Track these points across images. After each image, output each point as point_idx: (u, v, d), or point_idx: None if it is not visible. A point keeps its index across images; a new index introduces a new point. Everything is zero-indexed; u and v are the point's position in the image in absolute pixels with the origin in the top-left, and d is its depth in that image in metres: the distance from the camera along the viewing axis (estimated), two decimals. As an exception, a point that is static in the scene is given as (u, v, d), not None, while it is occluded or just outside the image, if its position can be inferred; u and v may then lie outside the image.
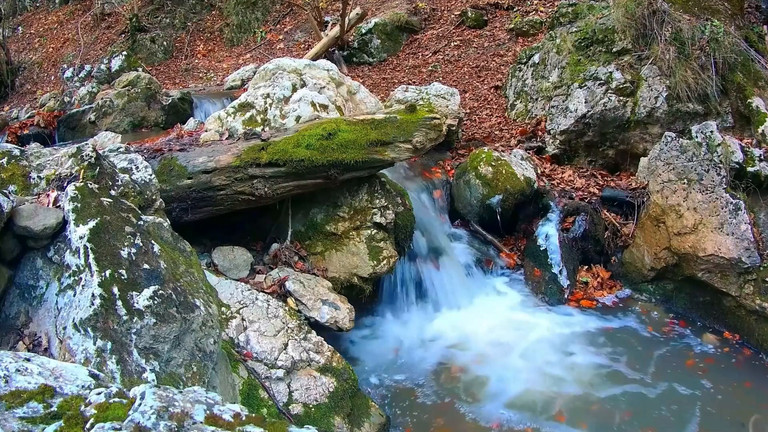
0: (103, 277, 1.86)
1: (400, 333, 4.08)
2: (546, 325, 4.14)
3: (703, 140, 4.26)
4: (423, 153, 4.16)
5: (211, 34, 10.37)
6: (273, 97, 4.59)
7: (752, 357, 3.83)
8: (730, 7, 5.19)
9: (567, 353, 3.86)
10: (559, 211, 4.75)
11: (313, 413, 2.86)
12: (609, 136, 5.23)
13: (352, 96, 5.11)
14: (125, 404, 1.12)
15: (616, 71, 5.12)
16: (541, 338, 4.00)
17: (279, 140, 3.63)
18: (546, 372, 3.68)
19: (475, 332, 4.06)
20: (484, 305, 4.36)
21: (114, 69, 7.98)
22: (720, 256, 3.95)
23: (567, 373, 3.67)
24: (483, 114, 6.33)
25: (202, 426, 1.08)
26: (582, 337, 4.03)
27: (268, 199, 3.66)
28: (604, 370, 3.70)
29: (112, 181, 2.38)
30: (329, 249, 3.88)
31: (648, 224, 4.50)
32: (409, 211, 4.20)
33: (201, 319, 2.04)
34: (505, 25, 8.06)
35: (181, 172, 3.51)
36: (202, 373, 2.01)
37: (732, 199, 4.01)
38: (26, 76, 10.13)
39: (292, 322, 3.24)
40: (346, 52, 8.28)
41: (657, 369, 3.71)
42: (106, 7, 10.76)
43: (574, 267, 4.64)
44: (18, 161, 2.36)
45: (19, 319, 2.02)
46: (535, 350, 3.88)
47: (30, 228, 2.01)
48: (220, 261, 3.63)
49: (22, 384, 1.17)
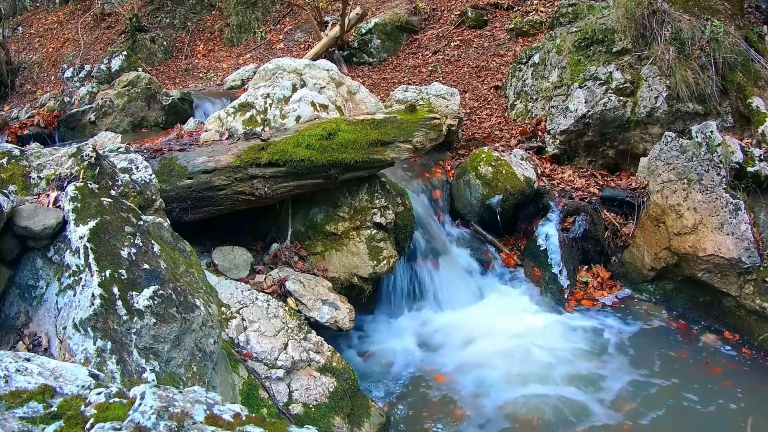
0: (103, 277, 1.86)
1: (400, 332, 4.07)
2: (546, 325, 4.13)
3: (703, 140, 4.26)
4: (423, 153, 4.16)
5: (211, 34, 10.37)
6: (273, 97, 4.59)
7: (752, 357, 3.83)
8: (730, 7, 5.19)
9: (567, 353, 3.85)
10: (559, 211, 4.75)
11: (313, 413, 2.86)
12: (609, 136, 5.23)
13: (352, 96, 5.11)
14: (125, 404, 1.12)
15: (616, 71, 5.12)
16: (540, 338, 4.00)
17: (279, 140, 3.63)
18: (546, 372, 3.68)
19: (474, 332, 4.05)
20: (484, 305, 4.36)
21: (114, 69, 7.97)
22: (720, 256, 3.95)
23: (567, 373, 3.66)
24: (483, 114, 6.33)
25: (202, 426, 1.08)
26: (582, 338, 4.02)
27: (268, 199, 3.65)
28: (603, 371, 3.70)
29: (112, 181, 2.38)
30: (329, 249, 3.88)
31: (648, 224, 4.50)
32: (409, 211, 4.20)
33: (201, 319, 2.04)
34: (505, 25, 8.07)
35: (181, 172, 3.51)
36: (202, 373, 2.01)
37: (732, 199, 4.01)
38: (26, 76, 10.14)
39: (292, 322, 3.24)
40: (346, 52, 8.28)
41: (657, 369, 3.71)
42: (106, 7, 10.77)
43: (574, 267, 4.64)
44: (18, 161, 2.36)
45: (19, 319, 2.02)
46: (535, 350, 3.88)
47: (30, 228, 2.01)
48: (220, 261, 3.63)
49: (22, 384, 1.17)
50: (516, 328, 4.08)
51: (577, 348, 3.91)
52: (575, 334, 4.06)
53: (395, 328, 4.11)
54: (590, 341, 3.99)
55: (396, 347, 3.94)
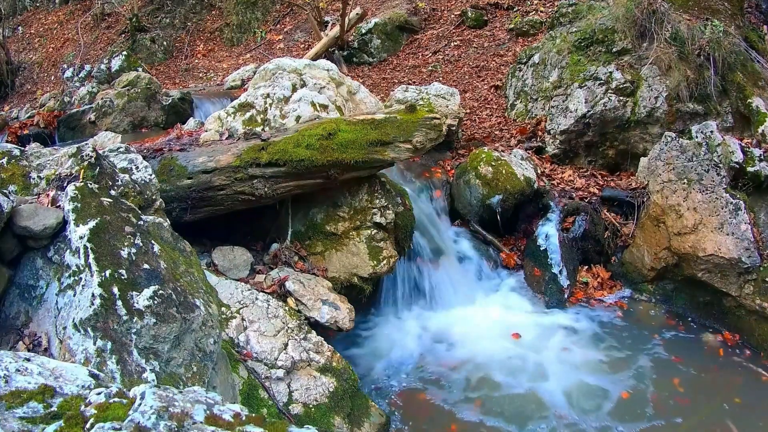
0: (103, 277, 1.86)
1: (400, 332, 4.07)
2: (546, 325, 4.14)
3: (703, 140, 4.26)
4: (423, 153, 4.15)
5: (211, 34, 10.37)
6: (273, 97, 4.59)
7: (752, 357, 3.84)
8: (730, 7, 5.19)
9: (567, 353, 3.86)
10: (559, 211, 4.75)
11: (313, 413, 2.86)
12: (609, 136, 5.23)
13: (352, 96, 5.11)
14: (125, 404, 1.12)
15: (616, 71, 5.12)
16: (540, 338, 4.00)
17: (279, 140, 3.63)
18: (545, 372, 3.68)
19: (474, 332, 4.06)
20: (484, 305, 4.36)
21: (114, 69, 7.97)
22: (720, 256, 3.95)
23: (567, 373, 3.66)
24: (483, 114, 6.33)
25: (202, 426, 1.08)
26: (582, 338, 4.03)
27: (268, 199, 3.65)
28: (603, 370, 3.70)
29: (112, 181, 2.38)
30: (329, 249, 3.87)
31: (648, 224, 4.50)
32: (409, 211, 4.20)
33: (201, 319, 2.04)
34: (505, 25, 8.06)
35: (181, 172, 3.51)
36: (202, 373, 2.01)
37: (732, 199, 4.01)
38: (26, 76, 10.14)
39: (292, 322, 3.24)
40: (346, 52, 8.28)
41: (656, 369, 3.71)
42: (106, 7, 10.76)
43: (574, 267, 4.64)
44: (18, 161, 2.36)
45: (19, 319, 2.02)
46: (534, 350, 3.88)
47: (30, 228, 2.01)
48: (220, 261, 3.63)
49: (22, 384, 1.17)
50: (516, 327, 4.08)
51: (577, 348, 3.91)
52: (575, 334, 4.06)
53: (395, 328, 4.11)
54: (590, 341, 3.99)
55: (396, 347, 3.94)
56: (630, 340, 4.00)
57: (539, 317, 4.23)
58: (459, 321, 4.18)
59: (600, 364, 3.76)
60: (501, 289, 4.55)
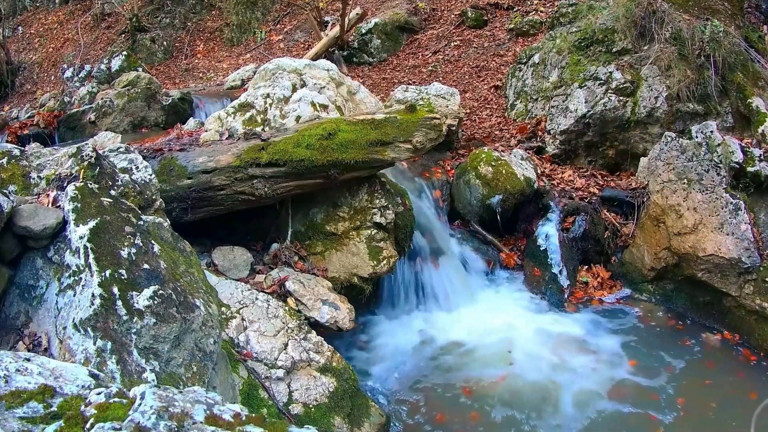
0: (103, 277, 1.86)
1: (400, 332, 4.07)
2: (545, 325, 4.13)
3: (703, 140, 4.26)
4: (423, 153, 4.16)
5: (211, 34, 10.36)
6: (273, 97, 4.59)
7: (752, 357, 3.83)
8: (730, 7, 5.19)
9: (567, 353, 3.85)
10: (559, 211, 4.75)
11: (313, 413, 2.86)
12: (609, 136, 5.23)
13: (352, 96, 5.11)
14: (125, 404, 1.12)
15: (616, 71, 5.12)
16: (540, 338, 4.00)
17: (279, 140, 3.63)
18: (545, 372, 3.68)
19: (474, 332, 4.06)
20: (484, 305, 4.36)
21: (114, 69, 7.96)
22: (720, 256, 3.95)
23: (566, 373, 3.67)
24: (483, 114, 6.33)
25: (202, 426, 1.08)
26: (582, 338, 4.02)
27: (268, 199, 3.66)
28: (603, 370, 3.70)
29: (112, 181, 2.38)
30: (329, 249, 3.87)
31: (648, 224, 4.50)
32: (409, 211, 4.20)
33: (201, 319, 2.04)
34: (505, 25, 8.06)
35: (181, 172, 3.51)
36: (202, 373, 2.01)
37: (732, 199, 4.01)
38: (26, 76, 10.14)
39: (292, 322, 3.24)
40: (346, 52, 8.28)
41: (656, 369, 3.71)
42: (106, 7, 10.76)
43: (574, 267, 4.64)
44: (18, 161, 2.36)
45: (19, 319, 2.02)
46: (534, 350, 3.88)
47: (30, 228, 2.01)
48: (220, 261, 3.63)
49: (22, 384, 1.17)
50: (516, 327, 4.08)
51: (577, 347, 3.92)
52: (575, 333, 4.06)
53: (395, 328, 4.11)
54: (590, 341, 3.99)
55: (396, 347, 3.94)
56: (629, 340, 4.00)
57: (539, 317, 4.23)
58: (459, 321, 4.18)
59: (600, 363, 3.76)
60: (501, 289, 4.55)
